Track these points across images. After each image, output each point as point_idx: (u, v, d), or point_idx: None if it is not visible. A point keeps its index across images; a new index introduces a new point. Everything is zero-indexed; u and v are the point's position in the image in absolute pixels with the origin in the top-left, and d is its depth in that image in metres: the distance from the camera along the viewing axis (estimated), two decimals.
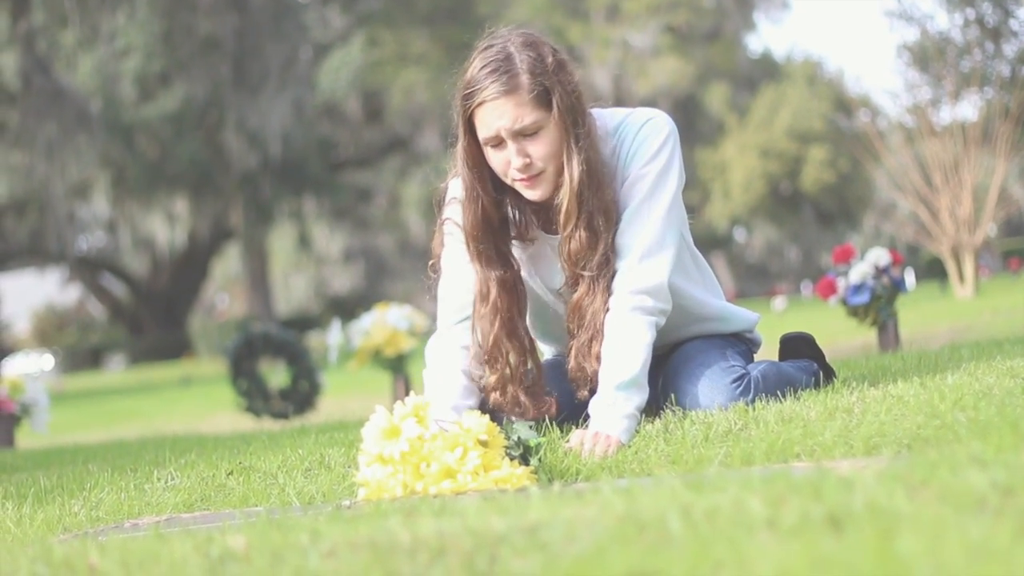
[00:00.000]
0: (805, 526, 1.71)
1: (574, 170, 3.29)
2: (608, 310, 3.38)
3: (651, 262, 3.37)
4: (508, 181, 3.37)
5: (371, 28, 46.31)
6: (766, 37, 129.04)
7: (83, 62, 37.90)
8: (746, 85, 55.81)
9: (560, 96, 3.27)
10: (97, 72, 38.12)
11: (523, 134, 3.27)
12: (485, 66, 3.29)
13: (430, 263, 3.62)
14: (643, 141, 3.43)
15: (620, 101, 42.73)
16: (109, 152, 38.45)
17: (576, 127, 3.30)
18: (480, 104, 3.27)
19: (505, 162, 3.31)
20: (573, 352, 3.43)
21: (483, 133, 3.30)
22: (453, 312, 3.53)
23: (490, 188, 3.42)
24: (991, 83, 24.69)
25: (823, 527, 1.70)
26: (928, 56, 24.89)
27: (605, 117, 3.50)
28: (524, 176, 3.32)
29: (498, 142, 3.30)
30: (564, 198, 3.32)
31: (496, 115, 3.25)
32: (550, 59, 3.31)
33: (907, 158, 26.35)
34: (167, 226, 45.39)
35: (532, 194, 3.38)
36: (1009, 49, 24.94)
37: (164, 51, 38.38)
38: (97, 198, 42.67)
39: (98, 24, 34.35)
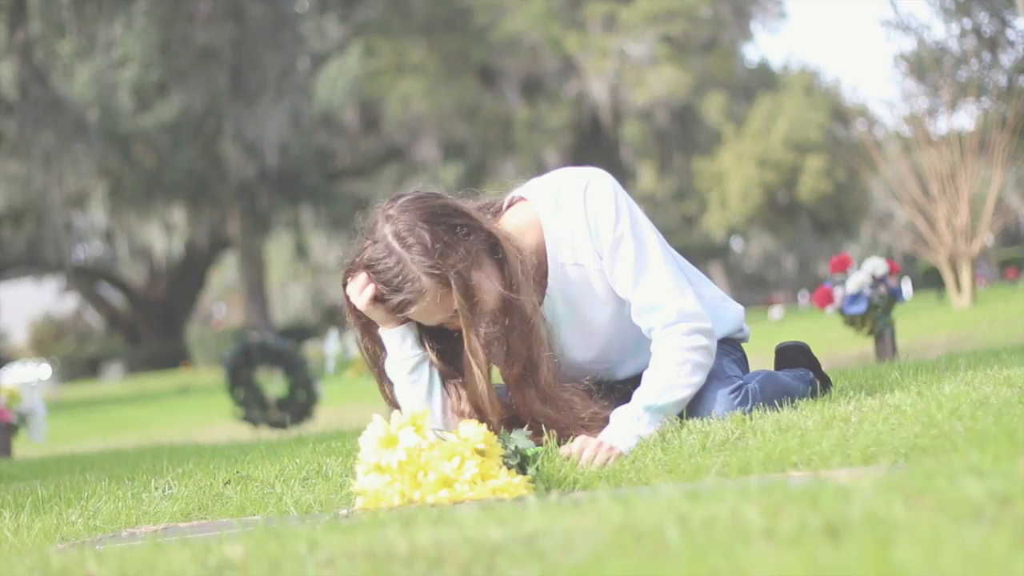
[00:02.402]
0: (802, 535, 1.71)
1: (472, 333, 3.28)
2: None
3: (686, 304, 3.40)
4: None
5: (368, 38, 46.36)
6: (763, 47, 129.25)
7: (80, 72, 37.94)
8: (743, 95, 55.88)
9: (456, 276, 3.22)
10: (94, 82, 38.14)
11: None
12: (384, 281, 3.27)
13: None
14: (597, 209, 3.42)
15: (617, 111, 42.79)
16: (106, 162, 38.48)
17: (471, 299, 3.25)
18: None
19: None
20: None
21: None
22: None
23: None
24: (988, 93, 24.67)
25: (820, 536, 1.70)
26: (925, 66, 24.87)
27: (538, 200, 3.50)
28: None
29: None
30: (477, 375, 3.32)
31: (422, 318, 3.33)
32: (430, 241, 3.24)
33: (904, 168, 26.33)
34: (164, 235, 45.44)
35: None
36: (1006, 59, 24.90)
37: (161, 61, 38.40)
38: (94, 207, 42.73)
39: (95, 34, 34.40)
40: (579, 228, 3.43)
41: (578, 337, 3.57)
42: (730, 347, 3.76)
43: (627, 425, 3.22)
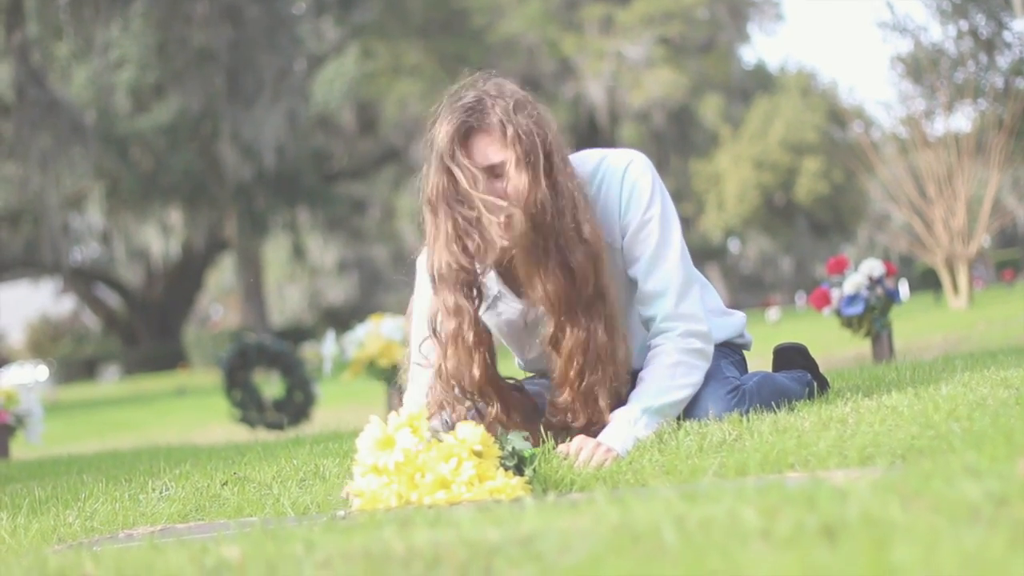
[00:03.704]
0: (799, 536, 1.71)
1: (529, 212, 3.25)
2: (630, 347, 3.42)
3: (687, 304, 3.42)
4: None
5: (365, 40, 46.32)
6: (760, 49, 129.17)
7: (77, 74, 37.93)
8: (740, 96, 55.82)
9: (520, 138, 3.28)
10: (91, 83, 38.13)
11: (493, 173, 3.29)
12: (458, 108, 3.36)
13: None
14: (634, 187, 3.45)
15: (614, 113, 42.68)
16: (103, 163, 38.44)
17: (537, 164, 3.28)
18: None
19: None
20: (582, 391, 3.37)
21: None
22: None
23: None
24: (984, 94, 24.67)
25: (817, 537, 1.70)
26: (921, 67, 24.88)
27: (580, 164, 3.51)
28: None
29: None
30: (519, 230, 3.26)
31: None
32: (512, 102, 3.36)
33: (901, 169, 26.39)
34: (161, 237, 45.36)
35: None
36: (1002, 61, 24.91)
37: (158, 63, 38.40)
38: (91, 209, 42.65)
39: (92, 36, 34.35)
40: (612, 203, 3.45)
41: None
42: (729, 350, 3.76)
43: (625, 427, 3.22)
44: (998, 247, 51.31)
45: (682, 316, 3.39)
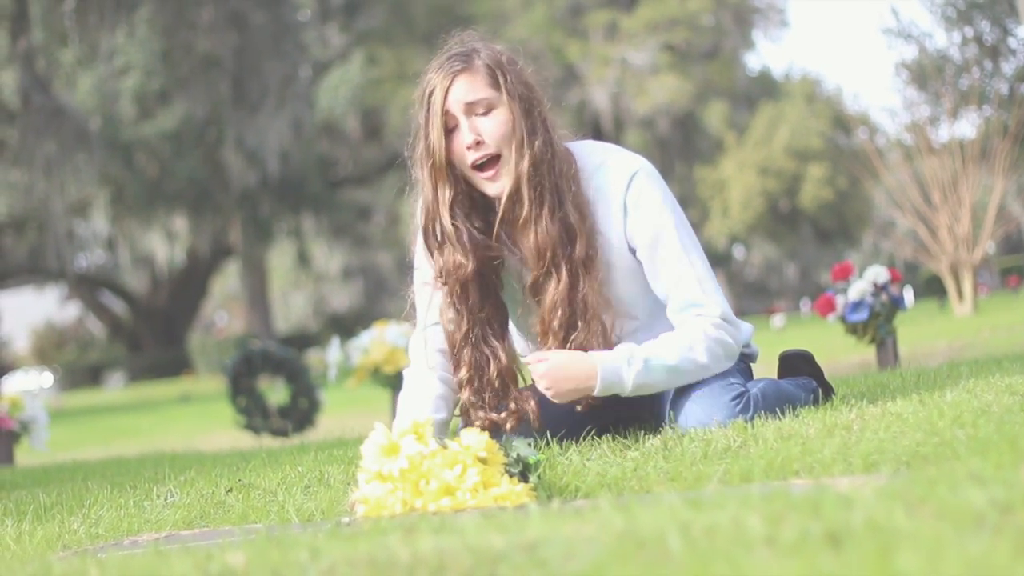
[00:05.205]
0: (804, 543, 1.71)
1: (524, 153, 3.32)
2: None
3: (726, 308, 3.44)
4: (470, 173, 3.40)
5: (370, 46, 46.34)
6: (764, 55, 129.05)
7: (82, 80, 37.96)
8: (745, 103, 55.87)
9: (511, 82, 3.34)
10: (96, 90, 38.17)
11: (474, 112, 3.35)
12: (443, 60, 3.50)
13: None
14: (641, 194, 3.44)
15: (619, 119, 42.61)
16: (108, 170, 38.46)
17: (529, 116, 3.35)
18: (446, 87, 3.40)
19: (463, 147, 3.36)
20: (569, 347, 3.42)
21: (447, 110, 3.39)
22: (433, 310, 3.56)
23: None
24: (989, 101, 24.68)
25: (822, 544, 1.70)
26: (926, 74, 24.87)
27: (582, 155, 3.52)
28: (479, 155, 3.34)
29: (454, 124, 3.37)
30: (515, 177, 3.35)
31: (455, 92, 3.39)
32: (504, 56, 3.42)
33: (906, 176, 26.34)
34: (166, 244, 45.41)
35: (493, 187, 3.38)
36: (1007, 67, 24.93)
37: (163, 69, 38.42)
38: (96, 216, 42.70)
39: (97, 42, 34.36)
40: (614, 201, 3.45)
41: None
42: None
43: (619, 360, 3.27)
44: (1003, 254, 51.33)
45: (724, 316, 3.42)
